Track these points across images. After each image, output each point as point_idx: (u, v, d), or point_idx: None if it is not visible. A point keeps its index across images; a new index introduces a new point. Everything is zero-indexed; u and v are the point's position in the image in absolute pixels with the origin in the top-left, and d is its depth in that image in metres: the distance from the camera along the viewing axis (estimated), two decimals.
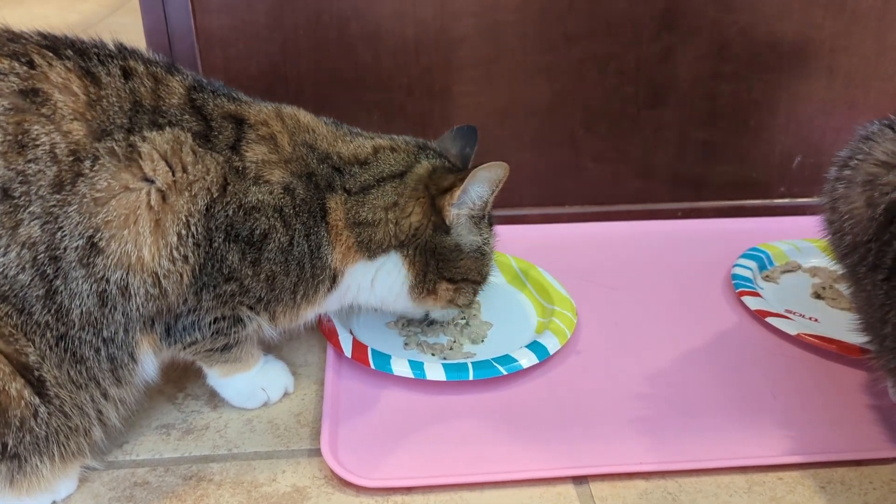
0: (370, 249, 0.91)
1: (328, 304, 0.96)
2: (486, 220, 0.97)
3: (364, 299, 0.97)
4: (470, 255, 0.96)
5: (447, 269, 0.95)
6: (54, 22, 0.84)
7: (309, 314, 0.96)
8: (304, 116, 0.93)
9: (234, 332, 0.90)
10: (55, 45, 0.80)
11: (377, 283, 0.94)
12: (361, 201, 0.90)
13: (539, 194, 1.41)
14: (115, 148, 0.78)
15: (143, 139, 0.79)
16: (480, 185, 0.92)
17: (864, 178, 0.89)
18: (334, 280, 0.92)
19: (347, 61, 1.27)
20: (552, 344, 1.04)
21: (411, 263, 0.93)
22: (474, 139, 1.03)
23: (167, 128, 0.81)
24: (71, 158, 0.76)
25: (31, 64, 0.77)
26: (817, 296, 1.21)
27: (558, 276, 1.21)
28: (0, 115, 0.74)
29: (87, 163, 0.76)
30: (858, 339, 0.95)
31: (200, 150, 0.82)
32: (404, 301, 0.97)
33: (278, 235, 0.86)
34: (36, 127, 0.75)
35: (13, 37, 0.79)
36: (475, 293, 1.01)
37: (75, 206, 0.76)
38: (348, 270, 0.92)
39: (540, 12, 1.27)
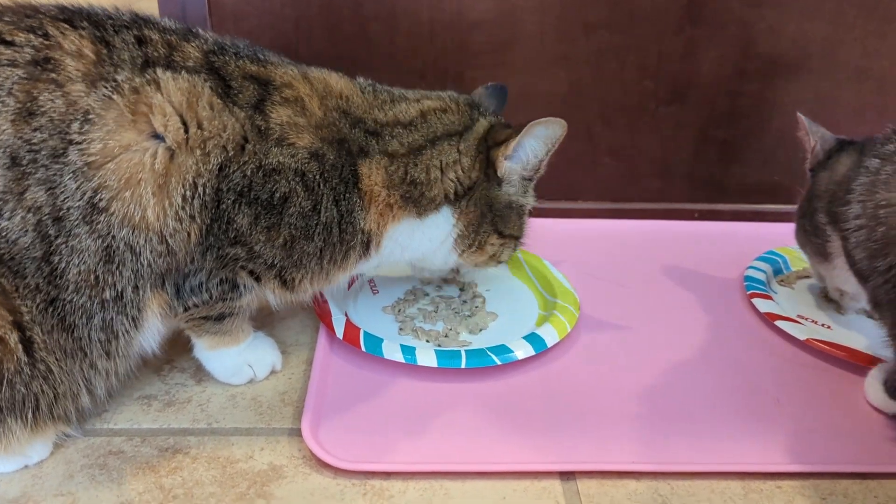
0: (419, 206, 0.91)
1: (364, 266, 0.96)
2: (533, 185, 0.98)
3: (400, 256, 0.96)
4: (518, 212, 0.97)
5: (501, 223, 0.96)
6: None
7: (341, 277, 0.94)
8: (336, 80, 0.90)
9: (230, 299, 0.88)
10: (71, 18, 0.80)
11: (421, 236, 0.93)
12: (413, 162, 0.90)
13: (552, 188, 1.36)
14: (115, 97, 0.76)
15: (157, 85, 0.77)
16: (536, 141, 0.92)
17: None
18: (368, 244, 0.90)
19: (361, 41, 1.25)
20: (550, 337, 1.01)
21: (462, 214, 0.94)
22: (504, 100, 1.03)
23: (183, 72, 0.79)
24: (64, 123, 0.75)
25: (45, 36, 0.77)
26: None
27: (566, 272, 1.17)
28: (14, 83, 0.74)
29: (76, 125, 0.75)
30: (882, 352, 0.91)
31: (219, 103, 0.80)
32: (444, 254, 0.97)
33: (299, 200, 0.84)
34: (44, 94, 0.75)
35: (30, 12, 0.79)
36: (515, 249, 1.01)
37: (70, 175, 0.75)
38: (388, 231, 0.91)
39: None
